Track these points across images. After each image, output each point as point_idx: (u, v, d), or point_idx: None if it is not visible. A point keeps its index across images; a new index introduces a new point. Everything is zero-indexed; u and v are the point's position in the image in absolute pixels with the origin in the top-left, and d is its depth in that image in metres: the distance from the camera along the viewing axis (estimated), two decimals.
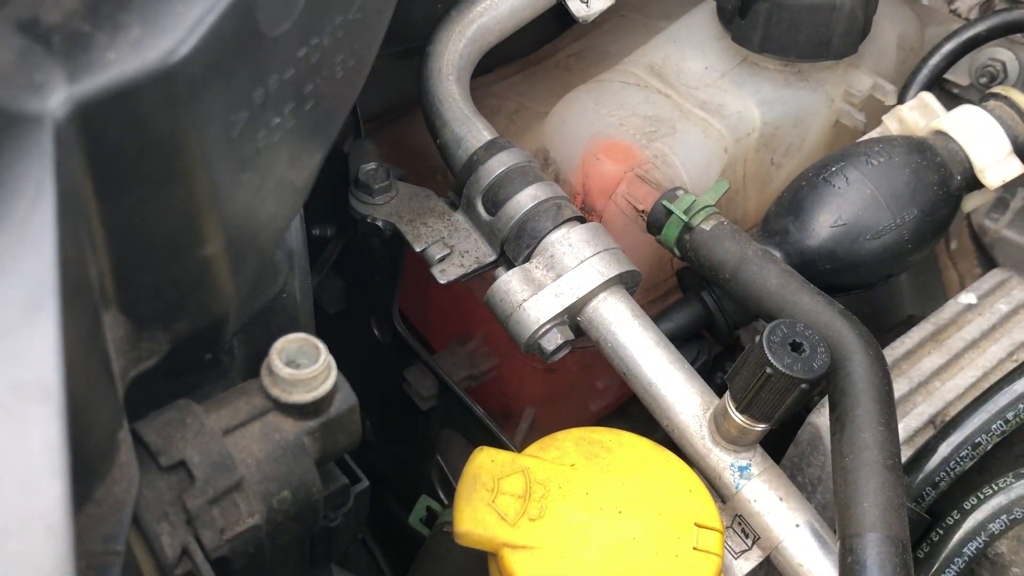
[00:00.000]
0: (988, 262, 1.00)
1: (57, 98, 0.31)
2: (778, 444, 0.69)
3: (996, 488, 0.60)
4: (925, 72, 0.85)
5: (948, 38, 0.86)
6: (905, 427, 0.68)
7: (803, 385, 0.51)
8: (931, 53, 0.85)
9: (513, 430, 0.82)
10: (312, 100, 0.42)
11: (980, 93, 0.92)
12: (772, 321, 0.54)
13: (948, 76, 0.92)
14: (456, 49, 0.71)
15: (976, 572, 0.68)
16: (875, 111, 0.81)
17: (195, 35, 0.33)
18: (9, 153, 0.30)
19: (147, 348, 0.40)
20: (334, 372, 0.45)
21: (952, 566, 0.59)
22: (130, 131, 0.33)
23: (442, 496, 0.81)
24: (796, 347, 0.51)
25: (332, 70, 0.43)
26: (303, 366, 0.45)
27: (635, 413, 0.72)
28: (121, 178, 0.34)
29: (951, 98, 0.95)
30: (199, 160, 0.36)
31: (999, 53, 0.92)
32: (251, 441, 0.43)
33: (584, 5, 0.76)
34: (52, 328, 0.27)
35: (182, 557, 0.41)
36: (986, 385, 0.68)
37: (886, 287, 0.99)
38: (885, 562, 0.49)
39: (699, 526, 0.52)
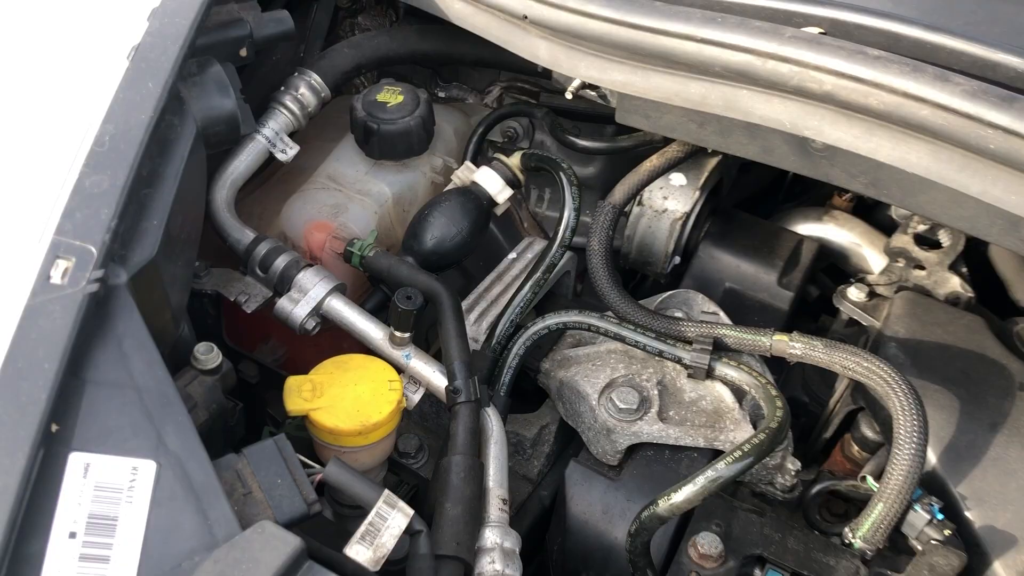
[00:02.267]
0: (543, 231, 1.82)
1: (123, 277, 0.95)
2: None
3: (521, 335, 1.37)
4: (471, 146, 1.63)
5: (479, 124, 1.65)
6: (489, 323, 1.44)
7: (413, 312, 1.23)
8: (472, 134, 1.63)
9: None
10: (188, 254, 1.08)
11: (507, 144, 1.73)
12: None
13: (491, 137, 1.72)
14: (222, 195, 1.37)
15: (540, 381, 1.46)
16: (451, 172, 1.57)
17: (155, 248, 0.99)
18: (115, 300, 0.94)
19: None
20: (220, 354, 1.12)
21: (507, 373, 1.36)
22: (145, 283, 0.98)
23: (272, 428, 1.47)
24: (408, 297, 1.24)
25: (192, 238, 1.09)
26: (207, 353, 1.11)
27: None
28: (143, 299, 0.98)
29: (496, 148, 1.74)
30: (161, 287, 1.01)
31: (512, 123, 1.73)
32: (198, 386, 1.08)
33: (284, 154, 1.44)
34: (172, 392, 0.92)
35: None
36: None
37: (495, 250, 1.76)
38: (461, 369, 1.22)
39: (390, 381, 1.24)
